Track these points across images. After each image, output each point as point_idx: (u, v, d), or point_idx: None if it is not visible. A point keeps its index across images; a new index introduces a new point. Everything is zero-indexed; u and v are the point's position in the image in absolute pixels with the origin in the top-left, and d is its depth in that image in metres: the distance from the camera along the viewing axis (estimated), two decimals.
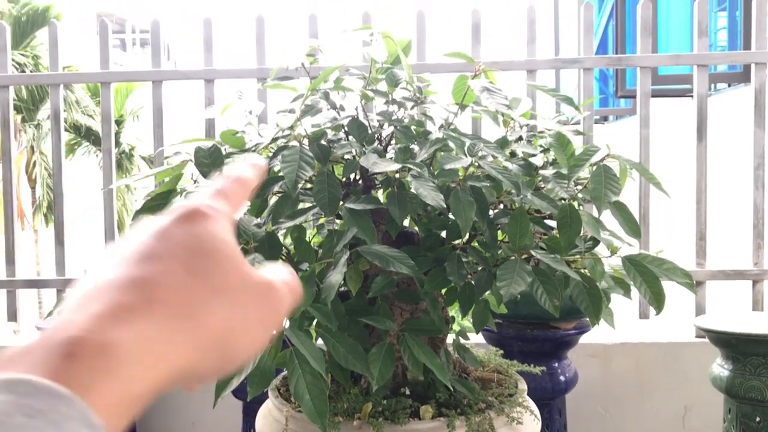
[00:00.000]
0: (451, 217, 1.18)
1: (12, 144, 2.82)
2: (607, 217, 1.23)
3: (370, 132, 1.33)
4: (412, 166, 1.16)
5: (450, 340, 1.44)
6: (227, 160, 1.29)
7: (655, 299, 1.19)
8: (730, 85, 5.14)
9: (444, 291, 1.33)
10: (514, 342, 2.13)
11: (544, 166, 1.38)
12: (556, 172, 1.28)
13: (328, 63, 1.34)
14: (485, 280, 1.22)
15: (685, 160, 2.72)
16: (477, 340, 2.39)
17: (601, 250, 1.32)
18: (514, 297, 1.10)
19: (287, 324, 1.15)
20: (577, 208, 1.20)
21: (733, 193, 3.06)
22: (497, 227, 1.25)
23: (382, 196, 1.38)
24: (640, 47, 2.65)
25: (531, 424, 1.34)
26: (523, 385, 1.45)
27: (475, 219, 1.14)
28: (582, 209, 1.25)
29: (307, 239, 1.35)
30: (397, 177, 1.22)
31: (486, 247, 1.26)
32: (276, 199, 1.28)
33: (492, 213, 1.26)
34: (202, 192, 0.40)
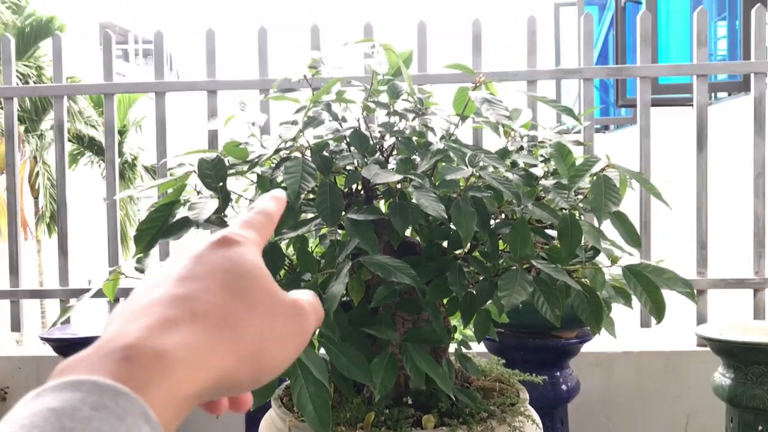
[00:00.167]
0: (453, 227, 1.19)
1: (16, 155, 2.84)
2: (608, 226, 1.24)
3: (371, 143, 1.34)
4: (413, 177, 1.17)
5: (452, 350, 1.45)
6: (230, 172, 1.31)
7: (656, 309, 1.20)
8: (730, 94, 5.15)
9: (446, 301, 1.34)
10: (516, 351, 2.13)
11: (544, 176, 1.39)
12: (556, 183, 1.29)
13: (330, 74, 1.36)
14: (486, 290, 1.23)
15: (686, 168, 2.73)
16: (479, 350, 2.39)
17: (602, 259, 1.33)
18: (515, 306, 1.11)
19: None
20: (577, 218, 1.20)
21: (734, 201, 3.07)
22: (498, 237, 1.26)
23: (384, 207, 1.39)
24: (640, 57, 2.67)
25: None
26: (524, 395, 1.45)
27: (477, 229, 1.15)
28: (583, 219, 1.26)
29: (309, 249, 1.36)
30: (398, 188, 1.23)
31: (487, 257, 1.27)
32: None
33: (493, 223, 1.27)
34: (232, 223, 0.44)
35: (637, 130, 2.67)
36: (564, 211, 1.22)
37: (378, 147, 1.38)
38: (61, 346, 2.29)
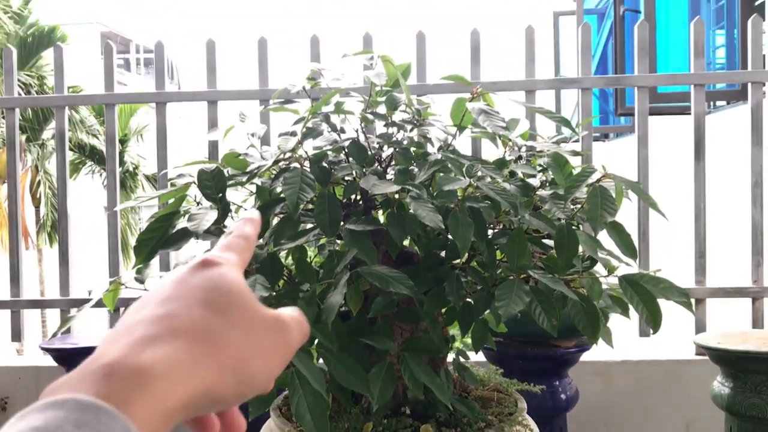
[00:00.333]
0: (450, 237, 1.20)
1: (18, 164, 2.85)
2: (605, 236, 1.24)
3: (370, 154, 1.35)
4: (411, 188, 1.18)
5: (450, 359, 1.45)
6: (229, 182, 1.32)
7: (652, 318, 1.20)
8: (729, 103, 5.17)
9: (444, 310, 1.34)
10: (514, 360, 2.13)
11: (542, 186, 1.39)
12: (553, 193, 1.30)
13: (329, 85, 1.37)
14: (484, 300, 1.23)
15: (685, 177, 2.74)
16: (478, 359, 2.39)
17: (599, 269, 1.34)
18: (512, 316, 1.11)
19: None
20: (574, 229, 1.21)
21: (732, 210, 3.08)
22: (496, 247, 1.27)
23: (382, 217, 1.40)
24: (638, 67, 2.68)
25: None
26: (522, 404, 1.45)
27: (474, 239, 1.16)
28: (580, 229, 1.26)
29: (308, 260, 1.37)
30: (396, 198, 1.24)
31: (485, 267, 1.28)
32: (278, 220, 1.30)
33: (490, 233, 1.28)
34: (212, 249, 0.45)
35: (635, 140, 2.68)
36: (561, 221, 1.22)
37: (376, 158, 1.39)
38: (61, 356, 2.29)
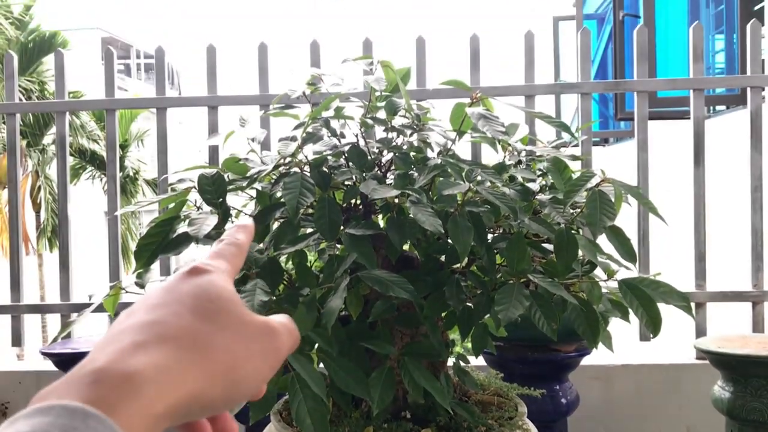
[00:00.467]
0: (450, 241, 1.20)
1: (18, 170, 2.85)
2: (605, 240, 1.25)
3: (369, 159, 1.35)
4: (411, 192, 1.18)
5: (450, 363, 1.45)
6: (230, 187, 1.32)
7: (652, 322, 1.20)
8: (728, 108, 5.17)
9: (443, 315, 1.34)
10: (515, 365, 2.13)
11: (542, 191, 1.40)
12: (552, 197, 1.30)
13: (329, 90, 1.38)
14: (484, 304, 1.23)
15: (685, 181, 2.74)
16: (478, 363, 2.39)
17: (599, 273, 1.34)
18: (512, 320, 1.12)
19: None
20: (573, 233, 1.21)
21: (732, 214, 3.08)
22: (495, 252, 1.27)
23: (382, 222, 1.41)
24: (637, 72, 2.69)
25: None
26: (523, 408, 1.45)
27: (474, 244, 1.16)
28: (580, 233, 1.27)
29: (308, 264, 1.37)
30: (396, 203, 1.25)
31: (484, 271, 1.28)
32: (278, 225, 1.31)
33: (490, 237, 1.28)
34: (201, 255, 0.46)
35: (635, 144, 2.69)
36: (560, 225, 1.23)
37: (376, 162, 1.39)
38: (62, 360, 2.29)
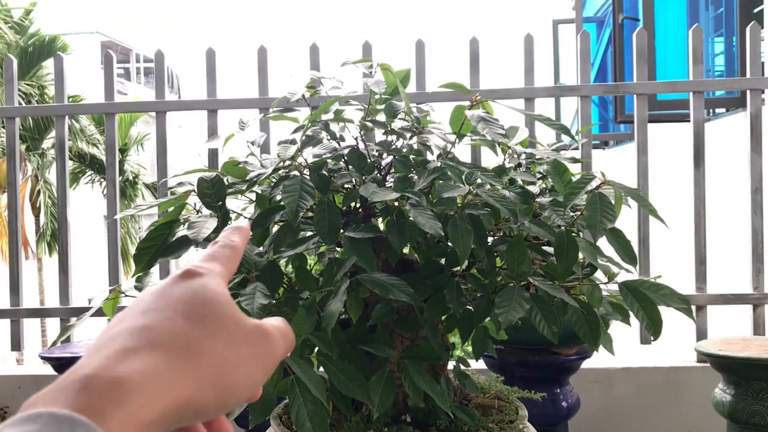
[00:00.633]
0: (450, 244, 1.19)
1: (18, 173, 2.85)
2: (605, 242, 1.24)
3: (369, 162, 1.35)
4: (410, 195, 1.18)
5: (451, 367, 1.45)
6: (229, 191, 1.32)
7: (653, 325, 1.20)
8: (728, 110, 5.18)
9: (444, 318, 1.34)
10: (515, 368, 2.13)
11: (542, 194, 1.40)
12: (552, 200, 1.30)
13: (328, 93, 1.38)
14: (484, 307, 1.23)
15: (685, 184, 2.74)
16: (478, 367, 2.39)
17: (599, 276, 1.34)
18: (513, 323, 1.11)
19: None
20: (574, 235, 1.21)
21: (733, 217, 3.08)
22: (496, 254, 1.27)
23: (381, 225, 1.40)
24: (637, 74, 2.69)
25: None
26: (523, 412, 1.45)
27: (474, 246, 1.16)
28: (580, 236, 1.26)
29: (308, 268, 1.37)
30: (396, 206, 1.24)
31: (485, 274, 1.28)
32: (277, 228, 1.30)
33: (490, 240, 1.28)
34: (195, 257, 0.45)
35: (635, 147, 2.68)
36: (561, 228, 1.22)
37: (376, 165, 1.39)
38: (61, 365, 2.29)
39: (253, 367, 0.40)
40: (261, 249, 1.28)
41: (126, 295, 1.40)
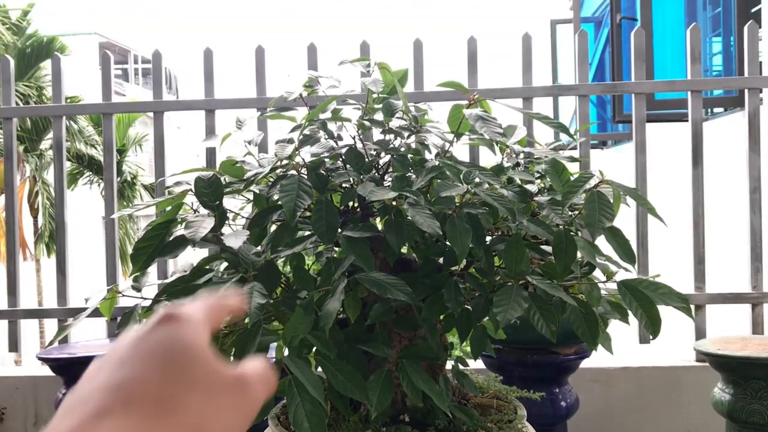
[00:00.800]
0: (448, 243, 1.19)
1: (15, 174, 2.85)
2: (604, 241, 1.24)
3: (367, 161, 1.35)
4: (408, 194, 1.18)
5: (449, 366, 1.44)
6: (226, 190, 1.31)
7: (651, 324, 1.20)
8: (726, 110, 5.18)
9: (442, 317, 1.34)
10: (514, 368, 2.13)
11: (540, 193, 1.39)
12: (551, 199, 1.30)
13: (326, 93, 1.37)
14: (482, 307, 1.23)
15: (683, 183, 2.74)
16: (477, 366, 2.39)
17: (598, 275, 1.33)
18: (512, 322, 1.11)
19: (286, 352, 1.16)
20: (572, 234, 1.21)
21: (731, 216, 3.08)
22: (494, 253, 1.26)
23: (379, 224, 1.40)
24: (635, 74, 2.69)
25: None
26: (522, 411, 1.45)
27: (472, 245, 1.16)
28: (578, 235, 1.26)
29: (306, 267, 1.36)
30: (394, 205, 1.24)
31: (483, 273, 1.27)
32: (275, 227, 1.30)
33: (488, 239, 1.27)
34: (182, 304, 0.44)
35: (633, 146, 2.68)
36: (559, 227, 1.22)
37: (373, 164, 1.39)
38: (59, 365, 2.28)
39: (232, 417, 0.39)
40: (258, 248, 1.27)
41: (123, 295, 1.39)
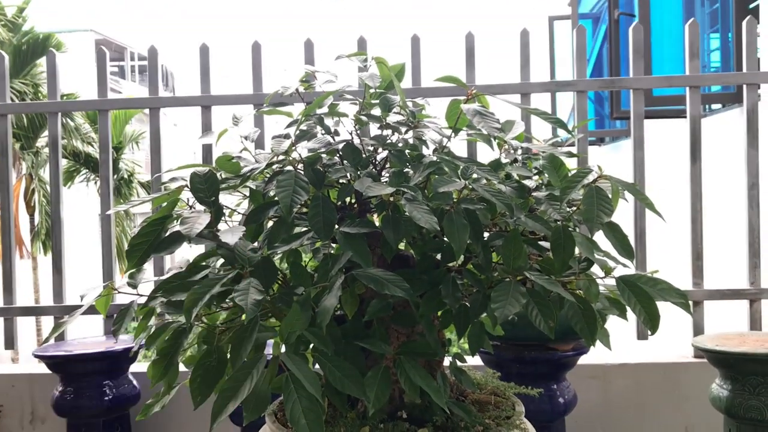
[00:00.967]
0: (446, 239, 1.18)
1: (10, 172, 2.83)
2: (602, 237, 1.23)
3: (364, 156, 1.34)
4: (406, 190, 1.17)
5: (447, 363, 1.44)
6: (222, 186, 1.30)
7: (650, 320, 1.19)
8: (724, 106, 5.17)
9: (440, 313, 1.33)
10: (512, 364, 2.12)
11: (538, 188, 1.39)
12: (549, 194, 1.29)
13: (323, 88, 1.36)
14: (480, 303, 1.22)
15: (681, 180, 2.74)
16: (475, 362, 2.38)
17: (596, 270, 1.33)
18: (509, 319, 1.10)
19: (283, 348, 1.15)
20: (570, 230, 1.20)
21: (729, 212, 3.08)
22: (492, 249, 1.26)
23: (377, 220, 1.39)
24: (633, 69, 2.68)
25: None
26: (520, 408, 1.44)
27: (470, 241, 1.15)
28: (577, 230, 1.25)
29: (303, 263, 1.35)
30: (391, 200, 1.23)
31: (481, 269, 1.27)
32: (272, 223, 1.29)
33: (486, 235, 1.27)
34: None
35: (631, 143, 2.68)
36: (557, 222, 1.21)
37: (371, 160, 1.38)
38: (55, 363, 2.27)
39: None
40: (255, 245, 1.26)
41: (118, 292, 1.38)
